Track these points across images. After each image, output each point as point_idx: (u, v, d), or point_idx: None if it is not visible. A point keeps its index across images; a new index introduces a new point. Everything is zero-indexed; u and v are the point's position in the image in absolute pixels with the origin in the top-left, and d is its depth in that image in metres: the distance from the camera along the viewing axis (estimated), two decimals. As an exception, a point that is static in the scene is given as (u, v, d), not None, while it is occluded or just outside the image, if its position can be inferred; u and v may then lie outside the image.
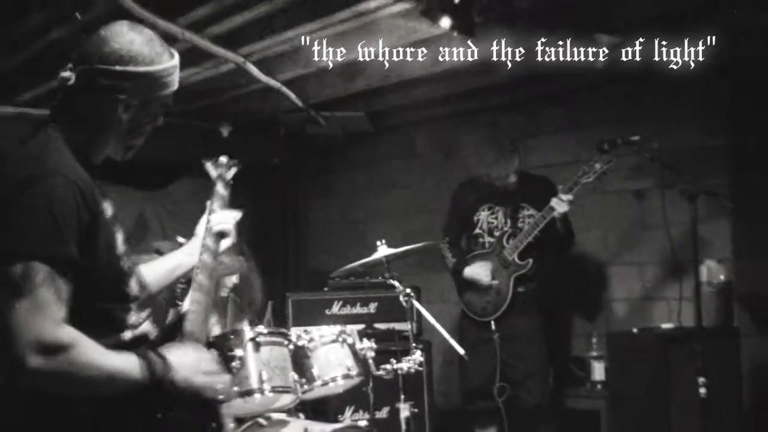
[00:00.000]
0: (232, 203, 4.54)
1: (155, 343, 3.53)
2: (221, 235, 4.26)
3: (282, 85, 8.56)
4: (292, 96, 8.85)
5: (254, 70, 8.06)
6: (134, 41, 3.51)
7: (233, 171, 4.55)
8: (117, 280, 3.54)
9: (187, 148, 9.22)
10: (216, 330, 6.30)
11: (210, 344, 3.82)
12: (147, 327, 3.57)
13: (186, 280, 4.55)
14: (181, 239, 4.99)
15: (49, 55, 7.61)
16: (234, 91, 8.74)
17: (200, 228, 4.38)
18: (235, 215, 4.37)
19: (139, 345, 3.45)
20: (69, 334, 3.15)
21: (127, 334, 3.48)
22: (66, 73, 3.48)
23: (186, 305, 3.77)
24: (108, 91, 3.47)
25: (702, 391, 6.70)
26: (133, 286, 3.67)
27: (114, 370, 3.27)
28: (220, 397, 3.59)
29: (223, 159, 4.52)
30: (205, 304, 3.86)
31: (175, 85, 3.67)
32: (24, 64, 7.94)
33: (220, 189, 4.49)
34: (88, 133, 3.53)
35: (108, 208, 3.50)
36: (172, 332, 3.67)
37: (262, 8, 6.78)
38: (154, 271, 4.28)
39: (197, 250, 4.20)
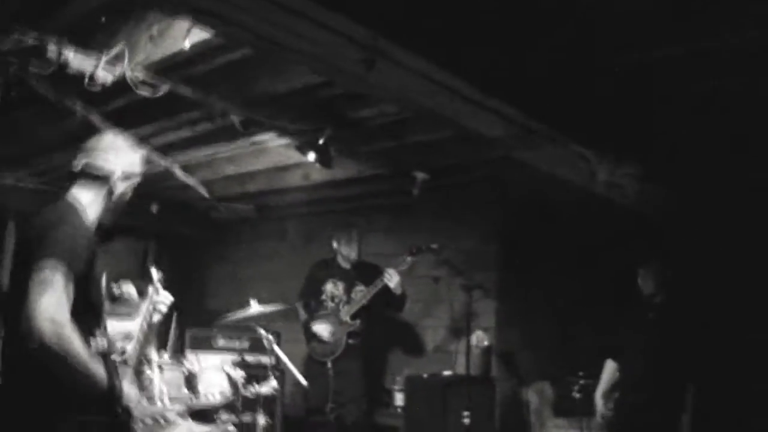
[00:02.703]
0: (162, 261, 4.70)
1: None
2: (159, 312, 4.43)
3: (197, 183, 8.64)
4: (203, 191, 8.92)
5: (178, 171, 8.14)
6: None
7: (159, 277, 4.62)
8: (96, 304, 3.71)
9: (127, 216, 9.18)
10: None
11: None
12: (103, 344, 3.65)
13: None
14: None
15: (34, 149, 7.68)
16: (163, 182, 8.75)
17: (143, 307, 4.50)
18: (168, 298, 4.51)
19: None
20: (68, 319, 3.34)
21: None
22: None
23: (128, 348, 3.90)
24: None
25: (466, 421, 6.95)
26: (103, 317, 3.81)
27: (92, 369, 3.42)
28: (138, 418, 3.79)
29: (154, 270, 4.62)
30: (139, 350, 4.04)
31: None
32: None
33: (158, 287, 4.51)
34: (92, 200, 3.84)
35: None
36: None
37: (186, 132, 6.86)
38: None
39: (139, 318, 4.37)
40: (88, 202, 3.82)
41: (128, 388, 3.67)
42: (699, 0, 4.16)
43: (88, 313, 3.57)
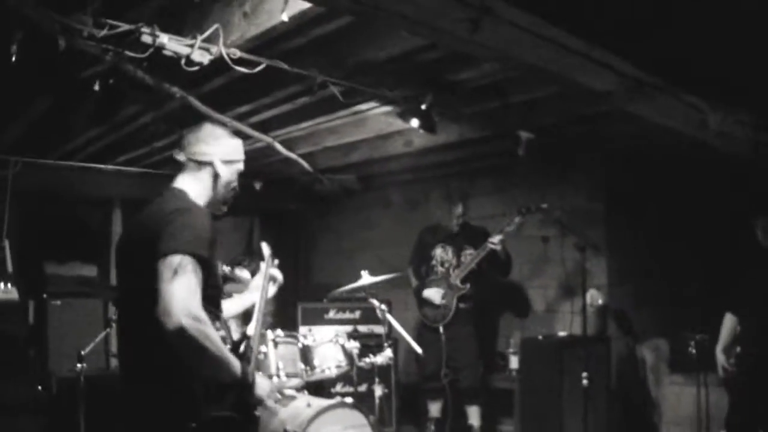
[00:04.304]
0: (267, 237, 4.68)
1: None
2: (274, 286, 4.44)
3: (298, 157, 8.60)
4: (306, 164, 8.88)
5: (279, 147, 8.10)
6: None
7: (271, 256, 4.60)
8: (216, 287, 3.69)
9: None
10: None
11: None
12: (223, 333, 3.60)
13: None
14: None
15: (138, 133, 7.71)
16: (265, 159, 8.74)
17: (258, 280, 4.50)
18: (279, 276, 4.53)
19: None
20: (204, 313, 3.33)
21: None
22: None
23: (249, 329, 3.85)
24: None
25: (585, 382, 6.79)
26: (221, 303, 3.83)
27: (223, 357, 3.40)
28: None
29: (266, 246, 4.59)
30: (259, 329, 3.99)
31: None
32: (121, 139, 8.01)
33: (271, 262, 4.53)
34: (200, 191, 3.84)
35: None
36: (238, 345, 3.73)
37: (286, 107, 6.78)
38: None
39: (257, 293, 4.34)
40: (196, 191, 3.82)
41: (260, 377, 3.66)
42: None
43: (210, 300, 3.53)
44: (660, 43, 4.71)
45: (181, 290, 3.27)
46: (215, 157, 3.86)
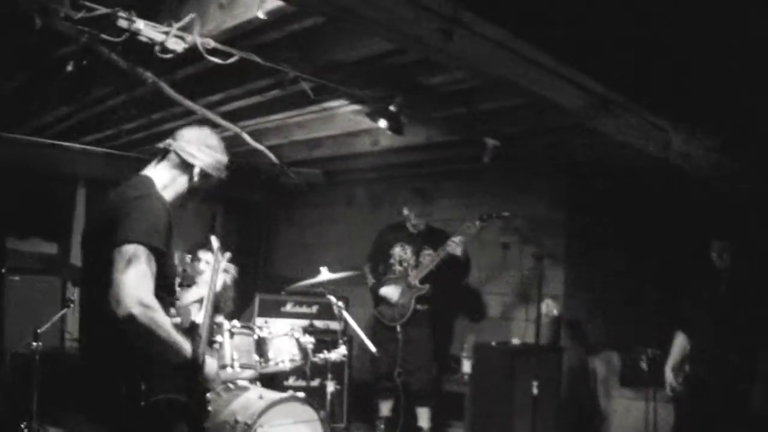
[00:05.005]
0: (227, 229, 4.74)
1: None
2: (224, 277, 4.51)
3: (265, 148, 8.61)
4: (272, 156, 8.89)
5: (247, 137, 8.11)
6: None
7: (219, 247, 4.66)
8: (170, 278, 3.79)
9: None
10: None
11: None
12: (177, 320, 3.68)
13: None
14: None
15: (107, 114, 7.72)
16: (232, 149, 8.71)
17: (207, 274, 4.59)
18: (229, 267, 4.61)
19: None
20: (155, 300, 3.42)
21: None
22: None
23: (198, 319, 3.91)
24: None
25: (535, 390, 6.88)
26: (176, 290, 3.95)
27: (173, 341, 3.51)
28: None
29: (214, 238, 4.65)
30: (209, 319, 4.06)
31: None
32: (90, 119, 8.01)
33: (219, 254, 4.56)
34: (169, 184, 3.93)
35: None
36: (191, 331, 3.79)
37: (256, 99, 6.81)
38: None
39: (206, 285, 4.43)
40: (166, 183, 3.90)
41: (209, 360, 3.75)
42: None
43: (164, 288, 3.62)
44: (625, 62, 4.79)
45: (132, 280, 3.37)
46: (199, 163, 3.95)
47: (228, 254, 4.69)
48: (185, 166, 3.94)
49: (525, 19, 3.98)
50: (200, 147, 3.97)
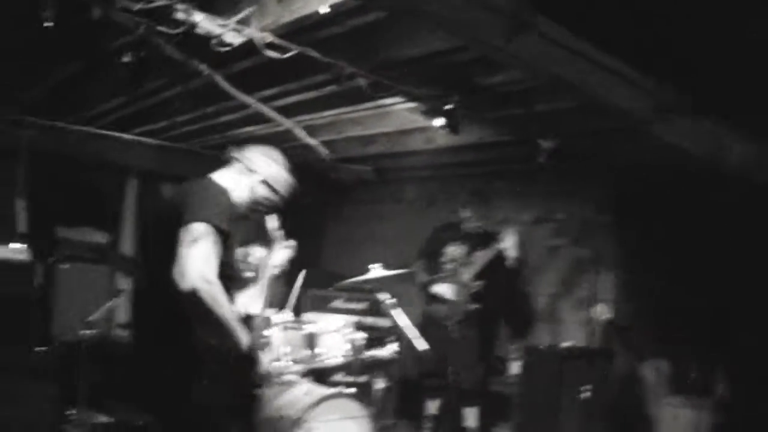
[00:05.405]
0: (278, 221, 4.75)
1: None
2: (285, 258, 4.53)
3: (318, 143, 8.63)
4: (324, 151, 8.91)
5: (300, 132, 8.14)
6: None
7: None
8: (231, 267, 3.89)
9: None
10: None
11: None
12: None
13: None
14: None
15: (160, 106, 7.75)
16: (285, 144, 8.73)
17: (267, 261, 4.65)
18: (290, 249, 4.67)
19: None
20: (218, 280, 3.53)
21: None
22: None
23: (255, 309, 3.96)
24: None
25: (584, 395, 6.82)
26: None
27: (231, 323, 3.60)
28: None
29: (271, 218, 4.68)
30: (265, 310, 4.12)
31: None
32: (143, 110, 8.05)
33: (278, 234, 4.69)
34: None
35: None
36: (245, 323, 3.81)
37: (311, 94, 6.81)
38: None
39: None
40: (229, 187, 4.00)
41: (262, 354, 3.78)
42: None
43: (227, 277, 3.69)
44: (689, 67, 4.73)
45: (198, 255, 3.46)
46: (262, 173, 4.13)
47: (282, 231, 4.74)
48: (248, 173, 4.11)
49: (589, 20, 3.93)
50: (264, 159, 4.16)
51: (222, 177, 4.05)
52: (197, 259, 3.44)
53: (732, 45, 4.55)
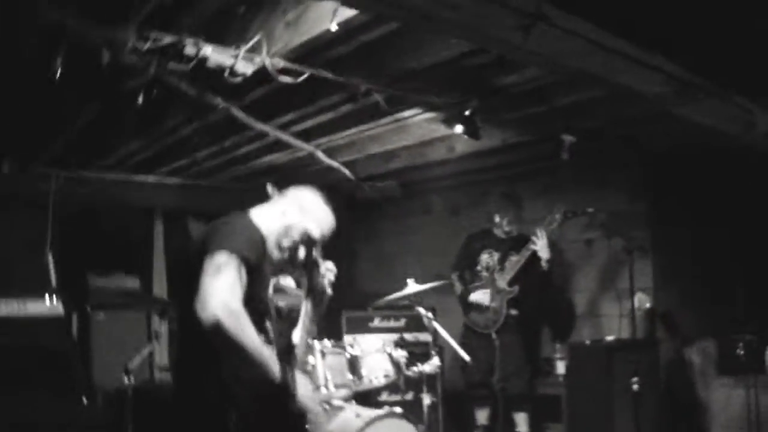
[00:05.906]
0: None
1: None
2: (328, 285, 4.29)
3: (340, 164, 8.59)
4: (347, 172, 8.87)
5: (321, 155, 8.11)
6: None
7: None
8: (262, 303, 3.71)
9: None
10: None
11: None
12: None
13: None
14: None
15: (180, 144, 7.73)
16: (307, 167, 8.72)
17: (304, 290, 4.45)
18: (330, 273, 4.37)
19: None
20: (243, 309, 3.35)
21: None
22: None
23: (295, 339, 3.85)
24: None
25: (635, 386, 6.72)
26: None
27: (262, 356, 3.42)
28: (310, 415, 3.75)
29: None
30: (306, 339, 4.00)
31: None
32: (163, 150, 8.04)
33: (318, 260, 4.42)
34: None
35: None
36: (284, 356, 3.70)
37: (328, 115, 6.77)
38: None
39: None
40: (265, 224, 3.83)
41: (303, 387, 3.66)
42: None
43: (254, 311, 3.51)
44: (708, 44, 4.64)
45: (220, 284, 3.31)
46: (312, 215, 3.96)
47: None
48: (292, 214, 3.91)
49: (604, 8, 3.86)
50: (305, 204, 3.99)
51: (258, 216, 3.85)
52: (220, 289, 3.29)
53: (755, 23, 4.47)
